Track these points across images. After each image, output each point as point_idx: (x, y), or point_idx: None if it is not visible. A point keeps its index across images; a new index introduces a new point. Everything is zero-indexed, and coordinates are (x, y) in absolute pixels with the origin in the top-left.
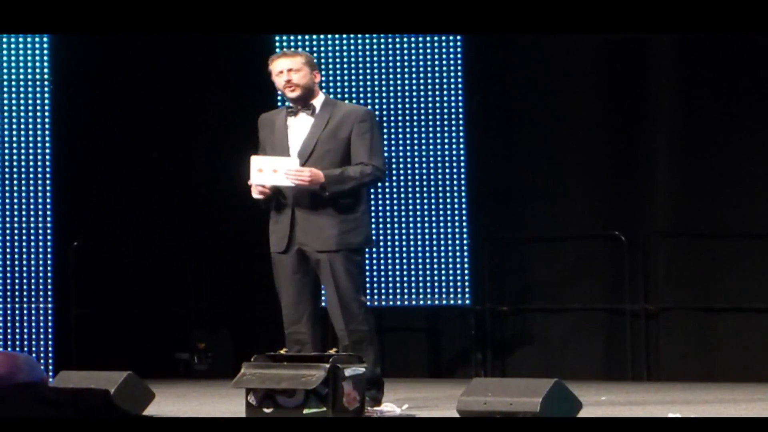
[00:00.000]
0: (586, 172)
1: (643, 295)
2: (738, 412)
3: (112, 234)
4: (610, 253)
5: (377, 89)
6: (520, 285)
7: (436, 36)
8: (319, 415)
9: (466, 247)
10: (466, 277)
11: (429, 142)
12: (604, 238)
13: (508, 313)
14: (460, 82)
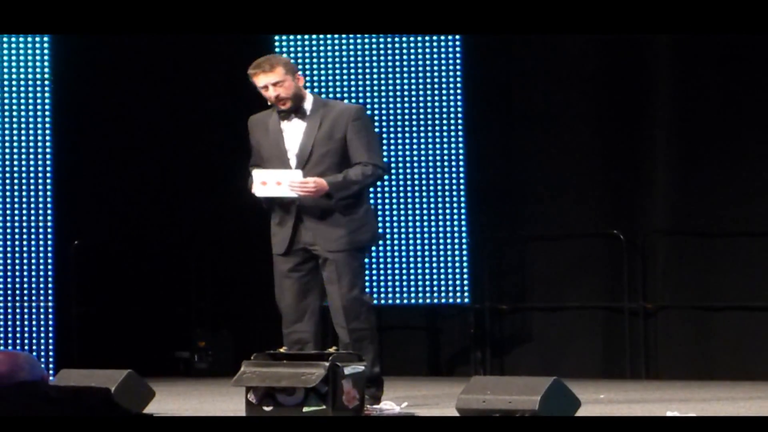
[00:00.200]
0: (585, 171)
1: (642, 293)
2: (736, 410)
3: (112, 233)
4: (608, 251)
5: (377, 89)
6: (519, 283)
7: (436, 36)
8: (319, 413)
9: (465, 245)
10: (465, 276)
11: (428, 141)
12: (603, 237)
13: (507, 311)
14: (459, 82)
